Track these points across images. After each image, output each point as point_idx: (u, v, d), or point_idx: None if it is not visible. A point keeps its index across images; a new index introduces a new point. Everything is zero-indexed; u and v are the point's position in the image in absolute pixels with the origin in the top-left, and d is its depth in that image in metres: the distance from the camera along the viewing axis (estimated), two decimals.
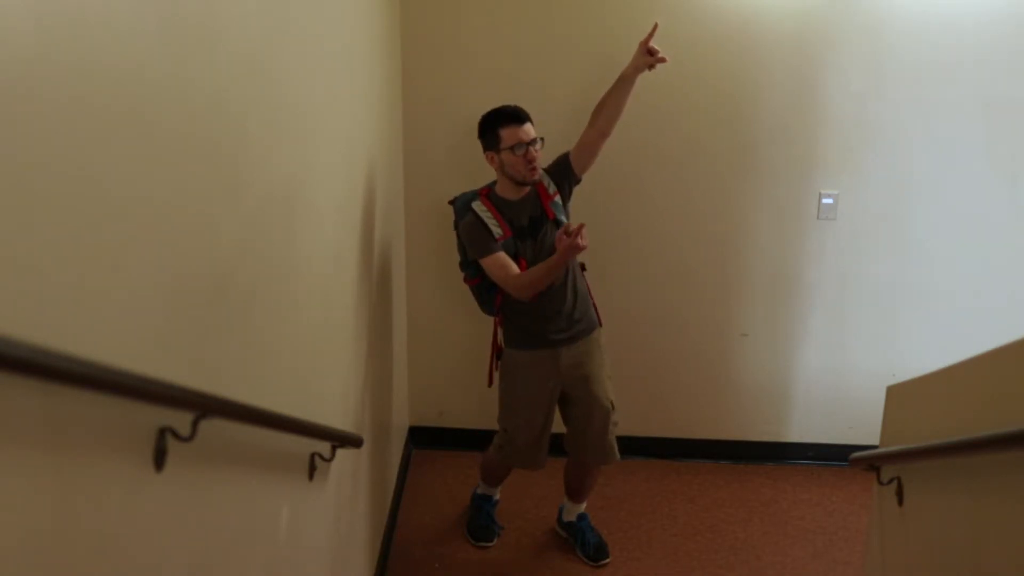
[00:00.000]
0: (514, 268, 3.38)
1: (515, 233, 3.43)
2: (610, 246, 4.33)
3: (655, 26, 3.33)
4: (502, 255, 3.38)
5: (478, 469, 4.08)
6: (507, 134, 3.30)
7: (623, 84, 3.39)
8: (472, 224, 3.42)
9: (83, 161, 1.17)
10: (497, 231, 3.40)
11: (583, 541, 3.94)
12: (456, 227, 3.57)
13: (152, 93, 1.37)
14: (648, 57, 3.31)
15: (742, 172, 4.30)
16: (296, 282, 2.34)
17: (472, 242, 3.43)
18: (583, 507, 4.02)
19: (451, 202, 3.63)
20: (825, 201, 4.31)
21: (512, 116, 3.30)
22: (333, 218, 2.81)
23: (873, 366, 4.49)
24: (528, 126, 3.31)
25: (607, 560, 3.89)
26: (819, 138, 4.24)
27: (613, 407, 3.64)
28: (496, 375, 3.74)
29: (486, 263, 3.41)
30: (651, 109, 4.07)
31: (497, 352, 3.73)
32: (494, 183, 3.49)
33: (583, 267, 3.65)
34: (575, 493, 3.95)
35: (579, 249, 3.15)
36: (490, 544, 4.00)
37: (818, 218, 4.34)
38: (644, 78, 3.52)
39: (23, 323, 1.02)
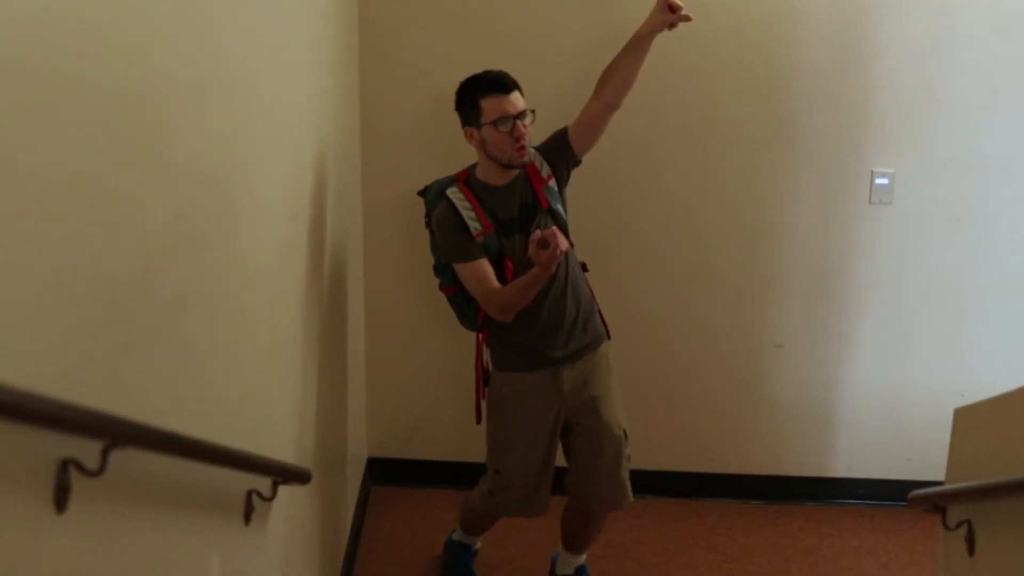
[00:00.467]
0: (492, 282, 3.37)
1: (498, 227, 3.41)
2: (614, 241, 4.36)
3: None
4: (482, 264, 3.37)
5: (457, 512, 4.06)
6: (489, 105, 3.28)
7: (636, 47, 3.37)
8: (445, 216, 3.40)
9: None
10: (475, 226, 3.37)
11: None
12: (428, 222, 3.57)
13: (49, 45, 1.35)
14: (668, 14, 3.28)
15: (776, 148, 4.32)
16: (234, 285, 2.34)
17: (445, 240, 3.43)
18: (583, 559, 4.01)
19: (421, 192, 3.62)
20: (878, 182, 4.33)
21: (495, 83, 3.29)
22: (278, 209, 2.81)
23: (937, 384, 4.51)
24: (515, 95, 3.29)
25: None
26: (871, 105, 4.27)
27: (626, 436, 3.64)
28: (483, 405, 3.71)
29: (461, 270, 3.41)
30: (663, 71, 4.06)
31: (484, 376, 3.71)
32: (474, 166, 3.48)
33: (585, 267, 3.64)
34: (574, 542, 3.93)
35: (557, 259, 3.13)
36: None
37: (870, 202, 4.36)
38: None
39: None
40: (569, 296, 3.49)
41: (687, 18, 3.26)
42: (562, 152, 3.48)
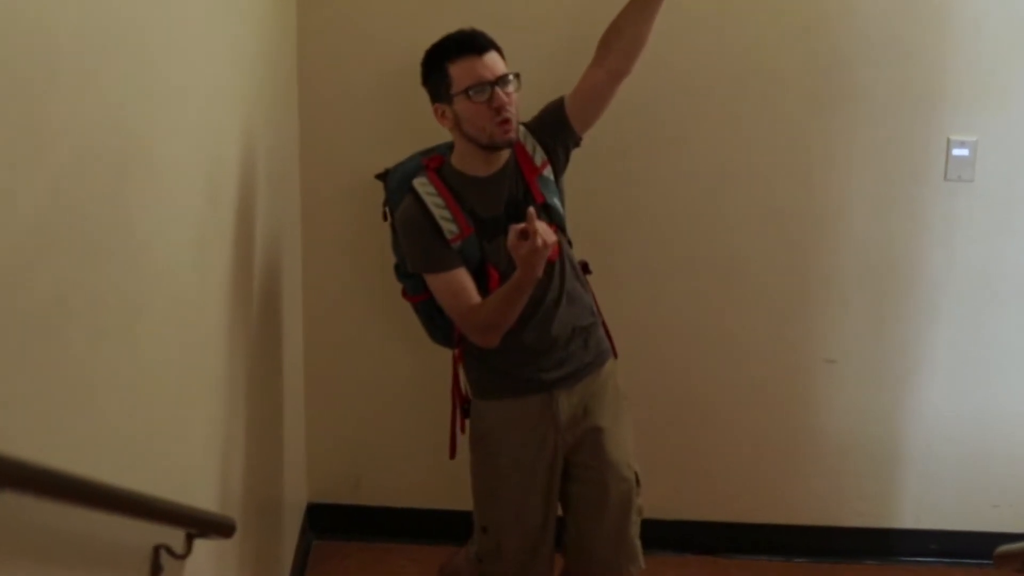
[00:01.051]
0: (471, 296, 3.40)
1: (479, 228, 3.42)
2: (619, 231, 4.38)
3: None
4: (458, 275, 3.40)
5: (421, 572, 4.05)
6: (459, 71, 3.29)
7: (646, 2, 3.36)
8: (412, 215, 3.43)
9: None
10: (450, 228, 3.39)
11: None
12: (386, 213, 3.61)
13: None
14: None
15: (827, 111, 4.34)
16: (131, 285, 2.34)
17: (412, 244, 3.46)
18: None
19: (381, 176, 3.65)
20: (957, 153, 4.36)
21: (465, 44, 3.30)
22: (191, 190, 2.82)
23: None
24: (492, 56, 3.31)
25: None
26: (947, 56, 4.30)
27: (638, 482, 3.66)
28: (463, 439, 3.71)
29: (433, 282, 3.45)
30: (681, 15, 4.05)
31: (462, 404, 3.72)
32: (449, 149, 3.50)
33: (586, 268, 3.67)
34: None
35: (543, 255, 3.12)
36: None
37: (946, 179, 4.39)
38: None
39: None
40: (564, 305, 3.51)
41: None
42: (558, 130, 3.49)
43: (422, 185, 3.42)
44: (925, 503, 4.73)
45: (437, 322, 3.65)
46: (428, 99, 3.41)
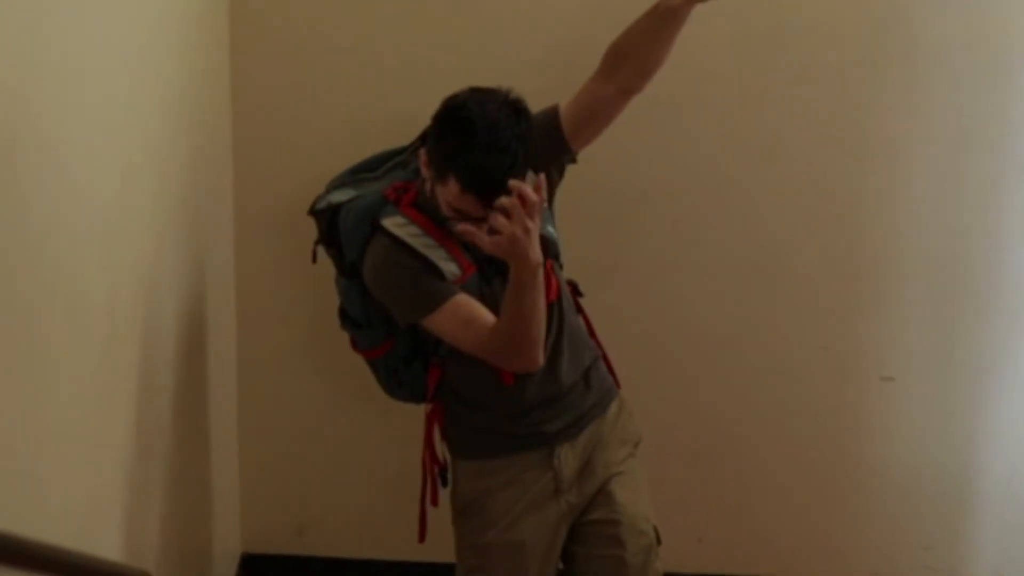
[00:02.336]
0: (485, 318, 3.48)
1: (481, 267, 3.56)
2: (625, 224, 4.47)
3: None
4: (462, 300, 3.48)
5: None
6: (458, 195, 3.31)
7: (666, 19, 3.42)
8: (399, 262, 3.51)
9: None
10: (451, 269, 3.50)
11: None
12: (315, 254, 3.75)
13: None
14: None
15: (884, 71, 4.41)
16: (21, 279, 2.42)
17: (401, 293, 3.56)
18: None
19: (318, 212, 3.73)
20: None
21: (479, 184, 3.28)
22: (98, 168, 2.91)
23: None
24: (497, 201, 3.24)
25: None
26: None
27: (658, 539, 3.74)
28: (445, 500, 3.81)
29: (436, 321, 3.51)
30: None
31: (440, 471, 3.83)
32: (416, 171, 3.60)
33: (577, 290, 3.78)
34: None
35: (522, 240, 3.16)
36: None
37: None
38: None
39: None
40: (566, 349, 3.62)
41: None
42: (552, 148, 3.59)
43: (400, 227, 3.51)
44: (1006, 551, 4.81)
45: (401, 376, 3.74)
46: (368, 106, 3.65)
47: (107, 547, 3.00)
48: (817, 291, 4.63)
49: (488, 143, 3.27)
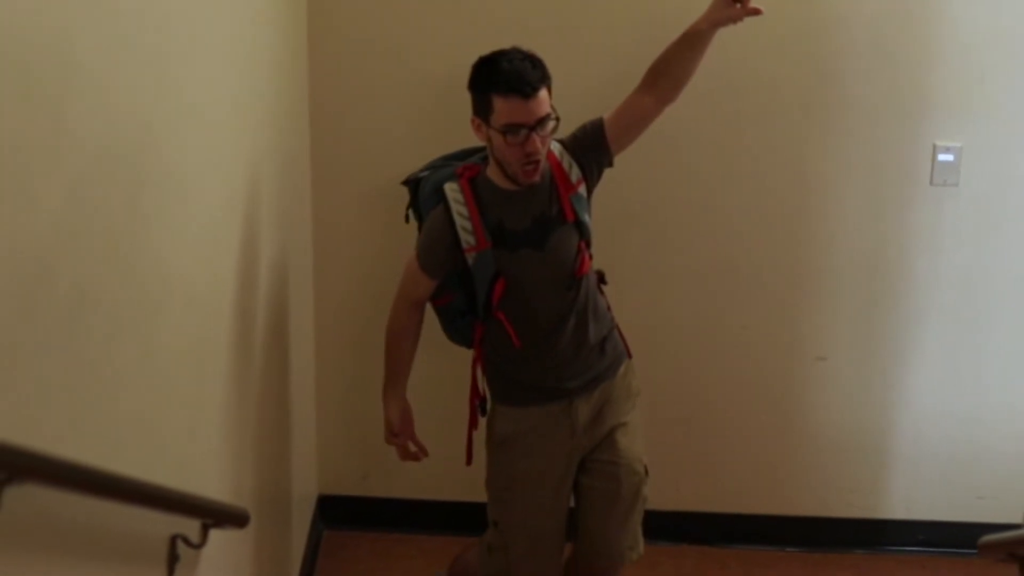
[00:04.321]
0: (415, 298, 3.58)
1: (497, 242, 3.40)
2: (620, 233, 4.36)
3: None
4: (426, 281, 3.53)
5: (429, 562, 4.01)
6: (503, 108, 3.19)
7: (693, 41, 3.37)
8: (437, 224, 3.46)
9: None
10: (468, 239, 3.41)
11: None
12: (408, 216, 3.65)
13: None
14: (732, 8, 3.28)
15: (817, 116, 4.34)
16: (147, 284, 2.34)
17: (426, 243, 3.50)
18: None
19: (409, 183, 3.66)
20: (942, 158, 4.35)
21: (514, 82, 3.18)
22: (206, 193, 2.81)
23: (1016, 405, 4.56)
24: (538, 99, 3.19)
25: None
26: (934, 64, 4.29)
27: (646, 473, 3.67)
28: (478, 436, 3.71)
29: (411, 268, 3.55)
30: (682, 23, 4.06)
31: (480, 403, 3.72)
32: (484, 161, 3.48)
33: (602, 278, 3.67)
34: None
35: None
36: None
37: (932, 183, 4.38)
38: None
39: None
40: (591, 317, 3.52)
41: (756, 11, 3.27)
42: (596, 151, 3.46)
43: (452, 191, 3.42)
44: (913, 495, 4.74)
45: (457, 324, 3.66)
46: (435, 105, 3.40)
47: (217, 490, 2.92)
48: (767, 290, 4.55)
49: (513, 60, 3.22)
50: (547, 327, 3.47)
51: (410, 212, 3.68)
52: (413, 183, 3.65)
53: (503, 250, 3.41)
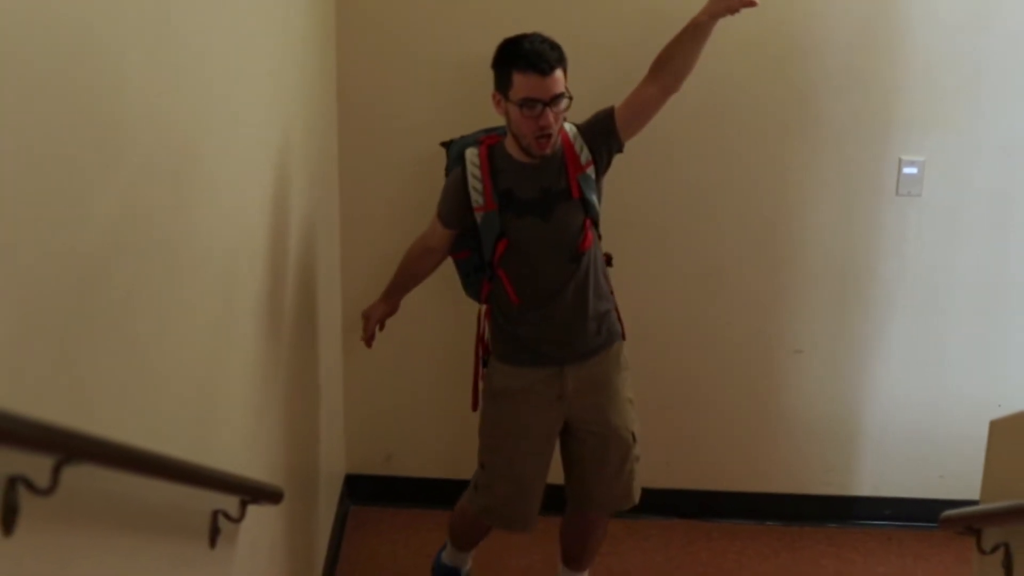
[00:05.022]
0: (433, 244, 3.65)
1: (504, 205, 3.44)
2: (618, 237, 4.26)
3: None
4: (444, 232, 3.60)
5: (446, 528, 4.03)
6: (521, 83, 3.23)
7: (695, 34, 3.34)
8: (454, 181, 3.52)
9: None
10: (477, 199, 3.45)
11: None
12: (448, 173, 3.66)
13: None
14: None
15: (795, 132, 4.32)
16: (190, 281, 2.33)
17: (444, 196, 3.57)
18: None
19: (445, 144, 3.69)
20: (907, 171, 4.33)
21: (534, 61, 3.21)
22: (240, 198, 2.80)
23: (973, 394, 4.52)
24: (554, 77, 3.23)
25: None
26: (899, 86, 4.27)
27: (635, 439, 3.66)
28: (480, 391, 3.74)
29: (434, 222, 3.62)
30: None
31: (484, 354, 3.73)
32: (506, 133, 3.48)
33: (609, 260, 3.67)
34: (575, 558, 3.93)
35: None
36: None
37: (897, 194, 4.36)
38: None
39: None
40: (592, 293, 3.52)
41: (751, 2, 3.24)
42: (606, 136, 3.44)
43: (471, 155, 3.46)
44: (880, 474, 4.73)
45: (472, 279, 3.67)
46: (455, 97, 3.65)
47: (254, 470, 2.90)
48: (749, 289, 4.54)
49: (534, 42, 3.25)
50: (545, 292, 3.48)
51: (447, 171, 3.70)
52: (448, 145, 3.67)
53: (509, 214, 3.44)
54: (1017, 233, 4.43)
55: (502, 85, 3.29)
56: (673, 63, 3.37)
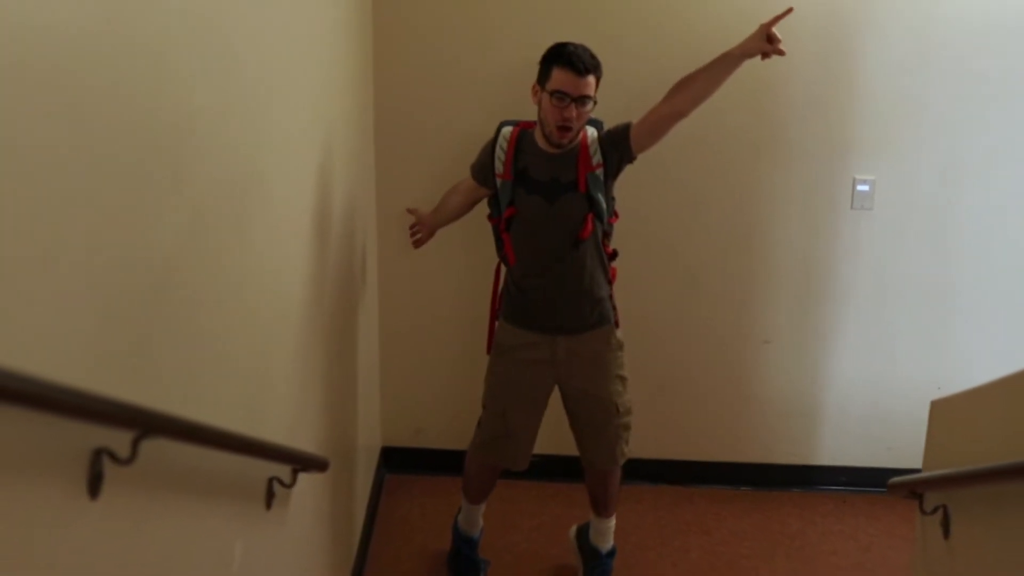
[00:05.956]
0: (459, 185, 3.75)
1: (517, 179, 3.47)
2: (618, 239, 4.27)
3: (789, 10, 3.22)
4: (471, 183, 3.67)
5: (461, 490, 4.02)
6: (556, 76, 3.25)
7: (723, 67, 3.29)
8: (487, 146, 3.56)
9: None
10: (498, 167, 3.49)
11: (593, 575, 3.92)
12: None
13: (79, 54, 1.35)
14: (766, 44, 3.21)
15: (765, 154, 4.31)
16: (248, 283, 2.33)
17: (479, 155, 3.62)
18: (612, 529, 3.95)
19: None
20: (860, 188, 4.32)
21: (573, 61, 3.23)
22: (291, 210, 2.80)
23: (916, 378, 4.51)
24: (587, 80, 3.24)
25: None
26: (854, 115, 4.26)
27: (618, 411, 3.65)
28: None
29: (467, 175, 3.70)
30: (661, 82, 4.05)
31: (498, 306, 3.76)
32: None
33: (614, 254, 3.65)
34: (596, 504, 3.90)
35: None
36: None
37: (852, 208, 4.35)
38: (649, 43, 3.54)
39: None
40: (586, 277, 3.51)
41: (781, 52, 3.22)
42: (618, 144, 3.42)
43: (505, 132, 3.51)
44: (837, 447, 4.72)
45: (498, 243, 3.65)
46: (482, 106, 3.84)
47: (304, 443, 2.92)
48: (725, 289, 4.53)
49: (577, 47, 3.26)
50: (542, 265, 3.50)
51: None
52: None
53: (521, 189, 3.46)
54: (954, 241, 4.41)
55: (542, 77, 3.30)
56: (693, 87, 3.32)
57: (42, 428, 1.26)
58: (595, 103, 3.30)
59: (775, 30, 3.19)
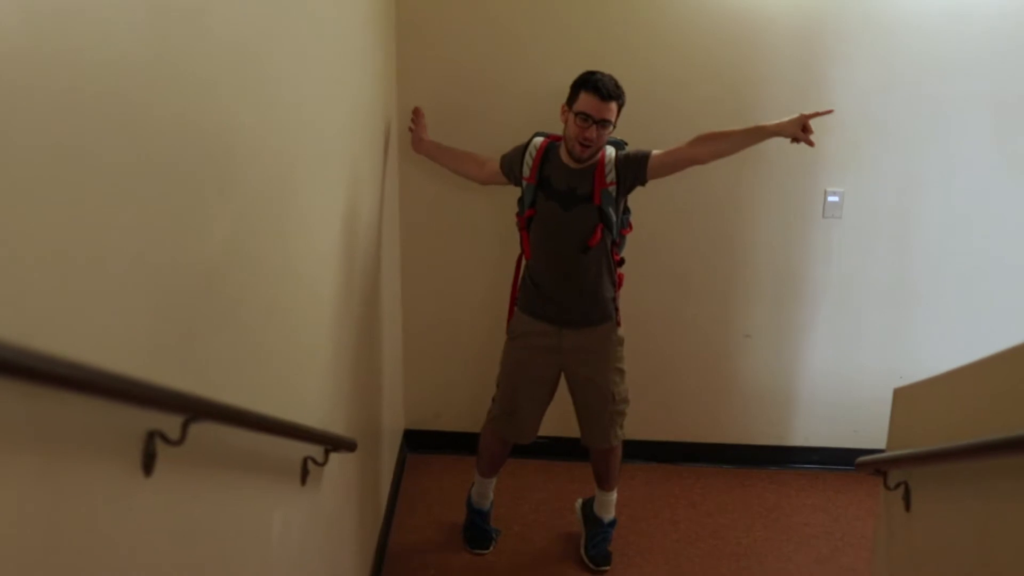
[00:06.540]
0: (481, 157, 3.75)
1: (540, 183, 3.49)
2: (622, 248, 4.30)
3: (829, 111, 3.32)
4: (492, 163, 3.69)
5: (474, 465, 4.02)
6: (583, 99, 3.29)
7: (754, 136, 3.34)
8: (519, 147, 3.59)
9: (66, 155, 1.16)
10: (525, 170, 3.52)
11: (595, 542, 3.92)
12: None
13: (138, 83, 1.36)
14: (799, 131, 3.24)
15: (746, 168, 4.29)
16: (285, 283, 2.33)
17: (513, 150, 3.62)
18: (613, 501, 3.96)
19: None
20: (831, 199, 4.31)
21: (597, 87, 3.27)
22: (323, 213, 2.80)
23: (880, 368, 4.50)
24: (609, 106, 3.28)
25: (607, 567, 3.88)
26: (824, 134, 4.18)
27: (614, 399, 3.66)
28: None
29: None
30: (651, 101, 4.07)
31: (516, 296, 3.76)
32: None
33: (622, 261, 3.65)
34: (599, 478, 3.92)
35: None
36: (486, 551, 3.99)
37: (823, 216, 4.35)
38: (644, 67, 3.56)
39: (4, 324, 1.02)
40: (592, 280, 3.52)
41: (811, 143, 3.26)
42: (633, 168, 3.44)
43: (536, 140, 3.54)
44: (810, 429, 4.70)
45: (521, 237, 3.64)
46: (502, 121, 3.90)
47: (335, 425, 2.92)
48: (710, 288, 4.51)
49: (605, 76, 3.30)
50: (554, 263, 3.52)
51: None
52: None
53: (541, 194, 3.48)
54: (914, 246, 4.40)
55: (571, 99, 3.34)
56: (720, 145, 3.36)
57: (102, 413, 1.27)
58: (614, 127, 3.34)
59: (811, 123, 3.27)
